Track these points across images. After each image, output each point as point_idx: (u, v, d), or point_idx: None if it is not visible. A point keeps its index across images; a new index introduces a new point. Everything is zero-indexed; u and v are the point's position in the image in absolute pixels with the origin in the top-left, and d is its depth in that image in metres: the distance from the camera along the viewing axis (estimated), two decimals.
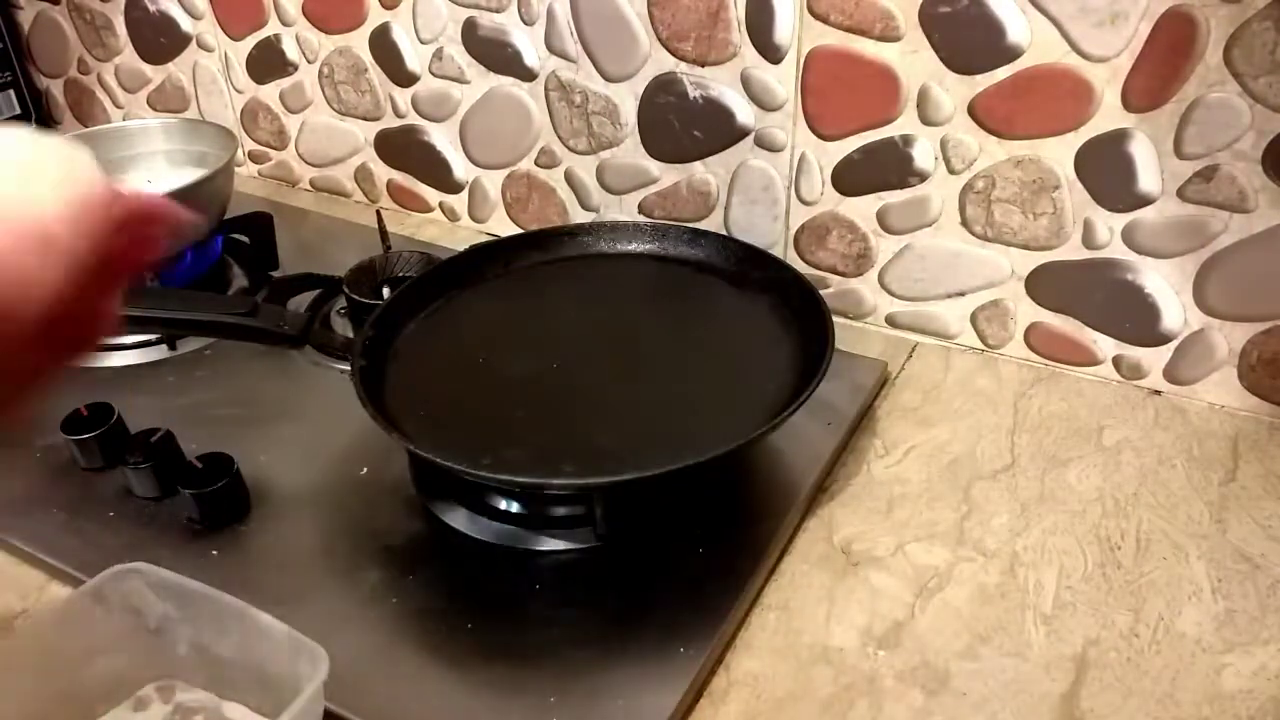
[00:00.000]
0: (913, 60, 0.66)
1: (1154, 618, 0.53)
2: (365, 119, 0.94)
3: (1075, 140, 0.64)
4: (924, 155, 0.69)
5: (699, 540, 0.57)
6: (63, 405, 0.64)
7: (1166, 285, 0.66)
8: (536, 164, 0.86)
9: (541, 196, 0.88)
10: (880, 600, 0.54)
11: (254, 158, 1.05)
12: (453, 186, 0.93)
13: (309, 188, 1.03)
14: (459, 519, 0.58)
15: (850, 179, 0.72)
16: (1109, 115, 0.62)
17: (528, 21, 0.79)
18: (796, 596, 0.55)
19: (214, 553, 0.57)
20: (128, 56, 1.06)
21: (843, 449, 0.64)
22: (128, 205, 0.35)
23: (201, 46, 1.00)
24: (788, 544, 0.58)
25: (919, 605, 0.54)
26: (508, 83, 0.83)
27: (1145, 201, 0.64)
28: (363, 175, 0.98)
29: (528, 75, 0.82)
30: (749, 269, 0.71)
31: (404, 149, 0.93)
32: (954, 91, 0.66)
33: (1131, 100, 0.61)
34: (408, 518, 0.59)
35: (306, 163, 1.01)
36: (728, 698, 0.49)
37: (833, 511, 0.60)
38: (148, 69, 1.05)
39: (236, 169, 0.92)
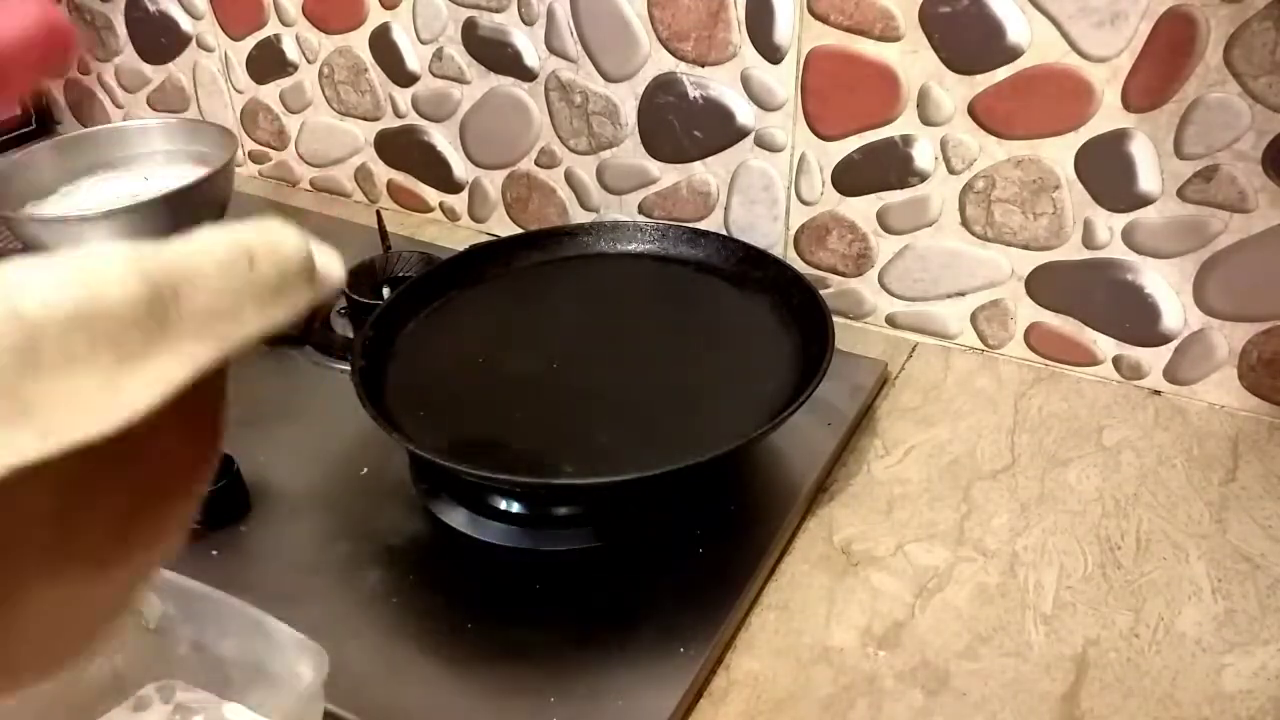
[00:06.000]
0: (913, 60, 0.66)
1: (1154, 618, 0.53)
2: (365, 119, 0.94)
3: (1075, 140, 0.64)
4: (924, 155, 0.69)
5: (699, 540, 0.57)
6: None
7: (1166, 285, 0.66)
8: (536, 164, 0.86)
9: (541, 196, 0.88)
10: (880, 600, 0.54)
11: (254, 158, 1.05)
12: (453, 186, 0.93)
13: (309, 188, 1.03)
14: (459, 519, 0.58)
15: (850, 179, 0.72)
16: (1109, 115, 0.62)
17: (528, 21, 0.79)
18: (796, 596, 0.55)
19: (214, 553, 0.57)
20: (128, 56, 1.06)
21: (843, 449, 0.64)
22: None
23: (201, 46, 1.00)
24: (788, 544, 0.58)
25: (919, 605, 0.54)
26: (508, 83, 0.83)
27: (1145, 201, 0.64)
28: (363, 175, 0.98)
29: (528, 75, 0.82)
30: (749, 269, 0.71)
31: (404, 149, 0.93)
32: (954, 91, 0.66)
33: (1131, 100, 0.61)
34: (408, 518, 0.59)
35: (306, 163, 1.01)
36: (728, 698, 0.49)
37: (833, 511, 0.60)
38: (148, 69, 1.05)
39: (236, 169, 0.92)
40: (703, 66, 0.73)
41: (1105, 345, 0.70)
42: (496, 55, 0.82)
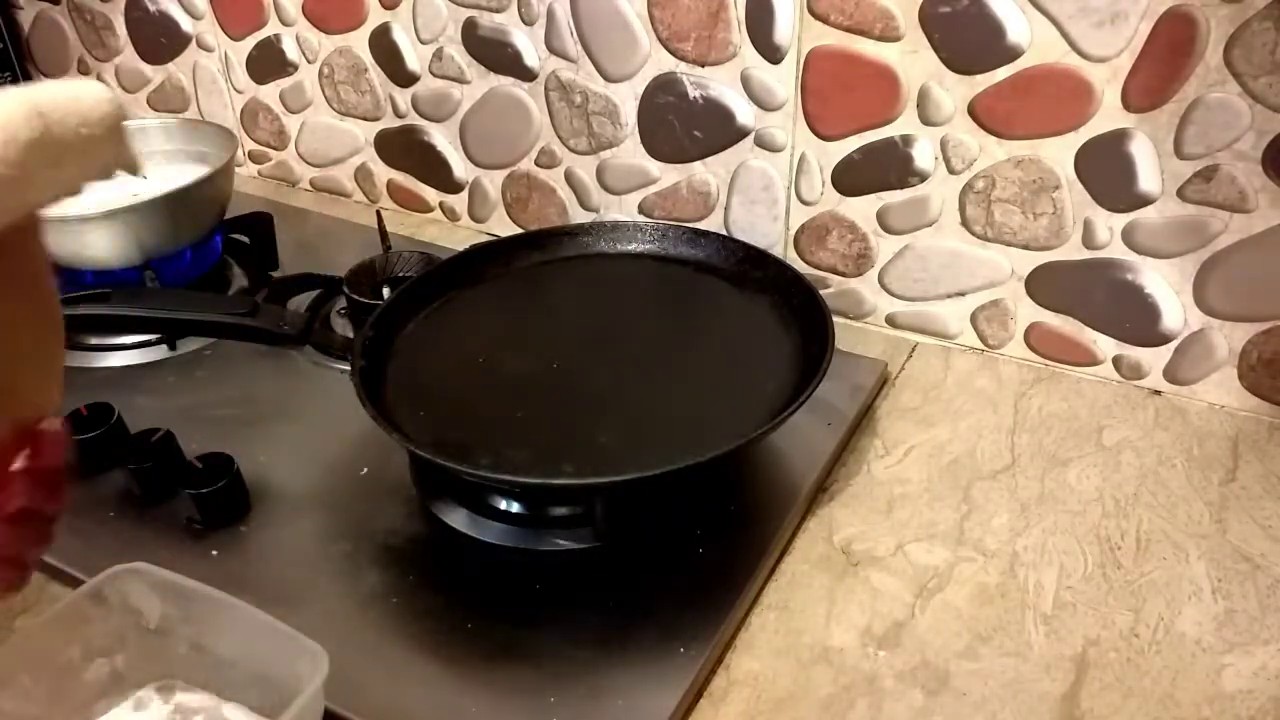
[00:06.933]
0: (913, 60, 0.66)
1: (1154, 618, 0.53)
2: (365, 119, 0.94)
3: (1075, 140, 0.64)
4: (924, 155, 0.69)
5: (699, 540, 0.57)
6: (63, 405, 0.63)
7: (1166, 285, 0.66)
8: (536, 164, 0.86)
9: (541, 196, 0.88)
10: (880, 600, 0.54)
11: (254, 158, 1.05)
12: (453, 186, 0.93)
13: (309, 188, 1.03)
14: (459, 519, 0.58)
15: (850, 179, 0.72)
16: (1109, 115, 0.62)
17: (528, 21, 0.79)
18: (796, 596, 0.55)
19: (214, 553, 0.57)
20: (128, 56, 1.06)
21: (843, 449, 0.64)
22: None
23: (201, 46, 1.00)
24: (788, 544, 0.58)
25: (919, 605, 0.54)
26: (508, 83, 0.83)
27: (1145, 201, 0.64)
28: (363, 175, 0.98)
29: (528, 75, 0.82)
30: (749, 269, 0.71)
31: (404, 149, 0.93)
32: (954, 91, 0.66)
33: (1131, 100, 0.61)
34: (408, 518, 0.59)
35: (306, 163, 1.01)
36: (728, 698, 0.49)
37: (833, 511, 0.60)
38: (148, 69, 1.05)
39: (236, 169, 0.92)
40: (703, 66, 0.73)
41: (1105, 345, 0.70)
42: (496, 55, 0.82)
